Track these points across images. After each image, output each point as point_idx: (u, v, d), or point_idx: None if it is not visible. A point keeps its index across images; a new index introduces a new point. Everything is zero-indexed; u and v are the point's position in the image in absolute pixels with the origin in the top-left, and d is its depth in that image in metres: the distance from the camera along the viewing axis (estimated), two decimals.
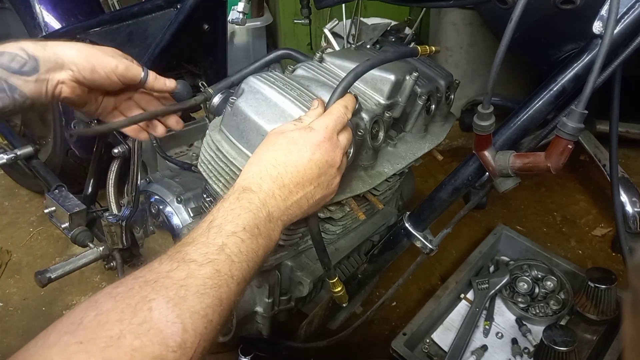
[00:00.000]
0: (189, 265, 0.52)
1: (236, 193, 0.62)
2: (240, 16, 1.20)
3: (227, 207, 0.60)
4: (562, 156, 0.67)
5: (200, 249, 0.54)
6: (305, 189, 0.66)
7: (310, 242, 0.96)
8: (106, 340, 0.43)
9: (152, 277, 0.50)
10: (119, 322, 0.45)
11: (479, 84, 2.07)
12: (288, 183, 0.64)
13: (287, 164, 0.64)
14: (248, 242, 0.58)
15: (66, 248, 1.66)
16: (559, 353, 1.10)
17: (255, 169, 0.65)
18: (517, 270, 1.39)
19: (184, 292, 0.49)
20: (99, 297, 0.48)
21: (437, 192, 0.87)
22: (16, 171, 1.86)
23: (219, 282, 0.52)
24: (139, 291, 0.48)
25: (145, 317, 0.46)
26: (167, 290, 0.49)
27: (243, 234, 0.57)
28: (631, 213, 1.51)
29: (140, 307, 0.46)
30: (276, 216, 0.63)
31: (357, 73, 0.73)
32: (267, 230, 0.61)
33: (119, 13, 1.30)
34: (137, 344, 0.44)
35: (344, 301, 0.91)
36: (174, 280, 0.50)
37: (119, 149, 1.17)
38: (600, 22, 0.68)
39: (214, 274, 0.52)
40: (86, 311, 0.46)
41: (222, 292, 0.52)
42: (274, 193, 0.63)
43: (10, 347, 1.36)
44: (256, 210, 0.61)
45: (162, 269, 0.51)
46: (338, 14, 1.66)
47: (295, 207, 0.66)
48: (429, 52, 0.89)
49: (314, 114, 0.70)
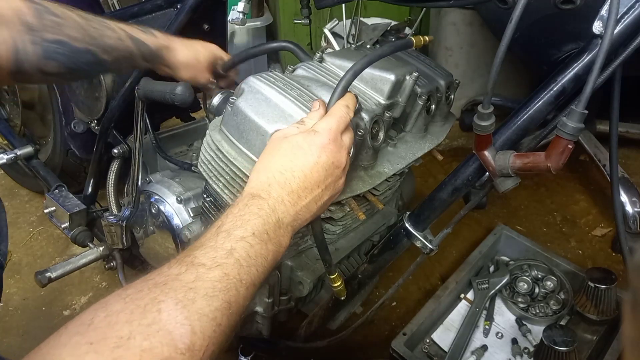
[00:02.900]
0: (197, 269, 0.52)
1: (245, 200, 0.62)
2: (240, 16, 1.20)
3: (235, 213, 0.60)
4: (562, 156, 0.66)
5: (209, 253, 0.54)
6: (314, 192, 0.66)
7: (310, 242, 0.96)
8: (116, 341, 0.43)
9: (161, 279, 0.50)
10: (128, 323, 0.45)
11: (479, 84, 2.07)
12: (296, 188, 0.64)
13: (294, 169, 0.64)
14: (257, 247, 0.58)
15: (66, 248, 1.66)
16: (559, 353, 1.10)
17: (263, 177, 0.65)
18: (517, 270, 1.39)
19: (192, 295, 0.49)
20: (109, 299, 0.48)
21: (437, 192, 0.87)
22: (16, 171, 1.86)
23: (228, 286, 0.52)
24: (148, 293, 0.48)
25: (155, 319, 0.46)
26: (176, 293, 0.49)
27: (252, 239, 0.57)
28: (631, 213, 1.51)
29: (149, 309, 0.47)
30: (286, 222, 0.63)
31: (356, 71, 0.73)
32: (277, 236, 0.61)
33: (119, 13, 1.30)
34: (146, 345, 0.44)
35: (342, 295, 0.92)
36: (183, 283, 0.50)
37: (119, 149, 1.17)
38: (600, 22, 0.68)
39: (222, 277, 0.52)
40: (96, 312, 0.46)
41: (231, 296, 0.52)
42: (283, 199, 0.63)
43: (10, 347, 1.35)
44: (266, 216, 0.61)
45: (171, 272, 0.52)
46: (338, 14, 1.67)
47: (305, 211, 0.66)
48: (423, 42, 0.89)
49: (316, 116, 0.69)
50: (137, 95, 1.05)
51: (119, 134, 1.19)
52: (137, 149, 1.10)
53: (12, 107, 1.69)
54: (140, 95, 1.05)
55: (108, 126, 1.19)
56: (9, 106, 1.70)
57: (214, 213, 0.93)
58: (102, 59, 0.86)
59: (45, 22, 0.78)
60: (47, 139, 1.64)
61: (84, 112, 1.28)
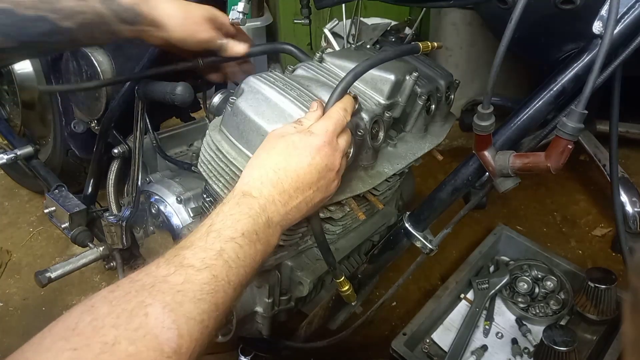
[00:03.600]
0: (186, 270, 0.52)
1: (236, 198, 0.62)
2: (240, 16, 1.20)
3: (226, 212, 0.60)
4: (562, 156, 0.66)
5: (198, 253, 0.54)
6: (305, 193, 0.66)
7: (310, 242, 0.96)
8: (101, 347, 0.43)
9: (149, 281, 0.50)
10: (114, 328, 0.44)
11: (479, 84, 2.07)
12: (288, 188, 0.64)
13: (287, 168, 0.64)
14: (246, 247, 0.58)
15: (66, 248, 1.66)
16: (559, 353, 1.10)
17: (256, 174, 0.65)
18: (517, 270, 1.39)
19: (180, 298, 0.49)
20: (95, 301, 0.48)
21: (437, 192, 0.87)
22: (16, 171, 1.85)
23: (216, 288, 0.52)
24: (136, 296, 0.48)
25: (141, 323, 0.46)
26: (164, 295, 0.48)
27: (241, 239, 0.57)
28: (631, 213, 1.51)
29: (136, 313, 0.46)
30: (275, 221, 0.63)
31: (357, 73, 0.73)
32: (266, 235, 0.61)
33: None
34: (132, 350, 0.43)
35: (352, 300, 0.91)
36: (171, 285, 0.50)
37: (119, 149, 1.17)
38: (600, 22, 0.68)
39: (211, 279, 0.52)
40: (81, 315, 0.46)
41: (219, 298, 0.52)
42: (274, 199, 0.63)
43: (10, 347, 1.35)
44: (256, 216, 0.61)
45: (159, 273, 0.51)
46: (338, 14, 1.66)
47: (295, 211, 0.66)
48: (431, 48, 0.88)
49: (313, 116, 0.69)
50: (137, 95, 1.05)
51: (119, 134, 1.19)
52: (137, 149, 1.10)
53: (12, 107, 1.69)
54: (140, 95, 1.05)
55: (108, 126, 1.19)
56: (9, 106, 1.69)
57: None
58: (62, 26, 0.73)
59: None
60: (47, 139, 1.64)
61: (84, 112, 1.28)
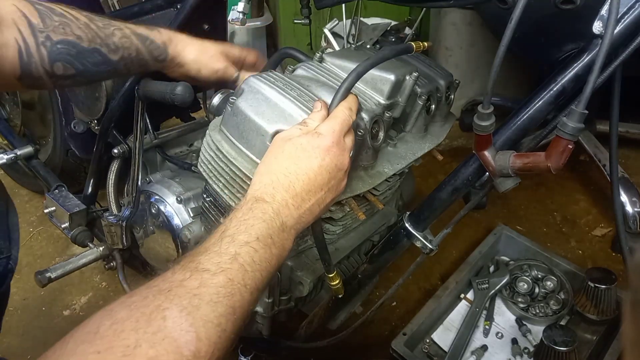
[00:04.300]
0: (201, 274, 0.52)
1: (249, 203, 0.62)
2: (240, 16, 1.20)
3: (239, 218, 0.60)
4: (562, 156, 0.66)
5: (213, 258, 0.54)
6: (317, 195, 0.66)
7: (310, 242, 0.96)
8: (123, 350, 0.43)
9: (166, 286, 0.50)
10: (134, 331, 0.45)
11: (479, 84, 2.07)
12: (300, 191, 0.64)
13: (297, 172, 0.64)
14: (262, 251, 0.57)
15: (66, 248, 1.66)
16: (559, 353, 1.10)
17: (267, 179, 0.65)
18: (517, 270, 1.39)
19: (197, 301, 0.49)
20: (114, 306, 0.48)
21: (437, 192, 0.87)
22: (16, 171, 1.86)
23: (232, 291, 0.52)
24: (153, 300, 0.48)
25: (160, 326, 0.46)
26: (181, 299, 0.49)
27: (256, 244, 0.57)
28: (631, 213, 1.51)
29: (154, 316, 0.46)
30: (289, 225, 0.63)
31: (359, 73, 0.73)
32: (281, 239, 0.61)
33: (119, 13, 1.30)
34: (152, 353, 0.44)
35: (340, 293, 0.92)
36: (187, 289, 0.50)
37: (119, 149, 1.17)
38: (600, 22, 0.68)
39: (227, 282, 0.52)
40: (102, 320, 0.46)
41: (236, 301, 0.52)
42: (287, 202, 0.63)
43: (10, 347, 1.35)
44: (270, 220, 0.60)
45: (175, 278, 0.51)
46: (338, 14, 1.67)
47: (308, 213, 0.66)
48: (422, 47, 0.90)
49: (318, 117, 0.69)
50: (137, 95, 1.06)
51: (119, 134, 1.19)
52: (137, 149, 1.10)
53: (12, 107, 1.69)
54: (140, 95, 1.05)
55: (108, 126, 1.19)
56: (9, 106, 1.70)
57: (213, 213, 0.93)
58: (110, 58, 0.84)
59: (50, 23, 0.77)
60: (47, 139, 1.64)
61: (84, 112, 1.28)
